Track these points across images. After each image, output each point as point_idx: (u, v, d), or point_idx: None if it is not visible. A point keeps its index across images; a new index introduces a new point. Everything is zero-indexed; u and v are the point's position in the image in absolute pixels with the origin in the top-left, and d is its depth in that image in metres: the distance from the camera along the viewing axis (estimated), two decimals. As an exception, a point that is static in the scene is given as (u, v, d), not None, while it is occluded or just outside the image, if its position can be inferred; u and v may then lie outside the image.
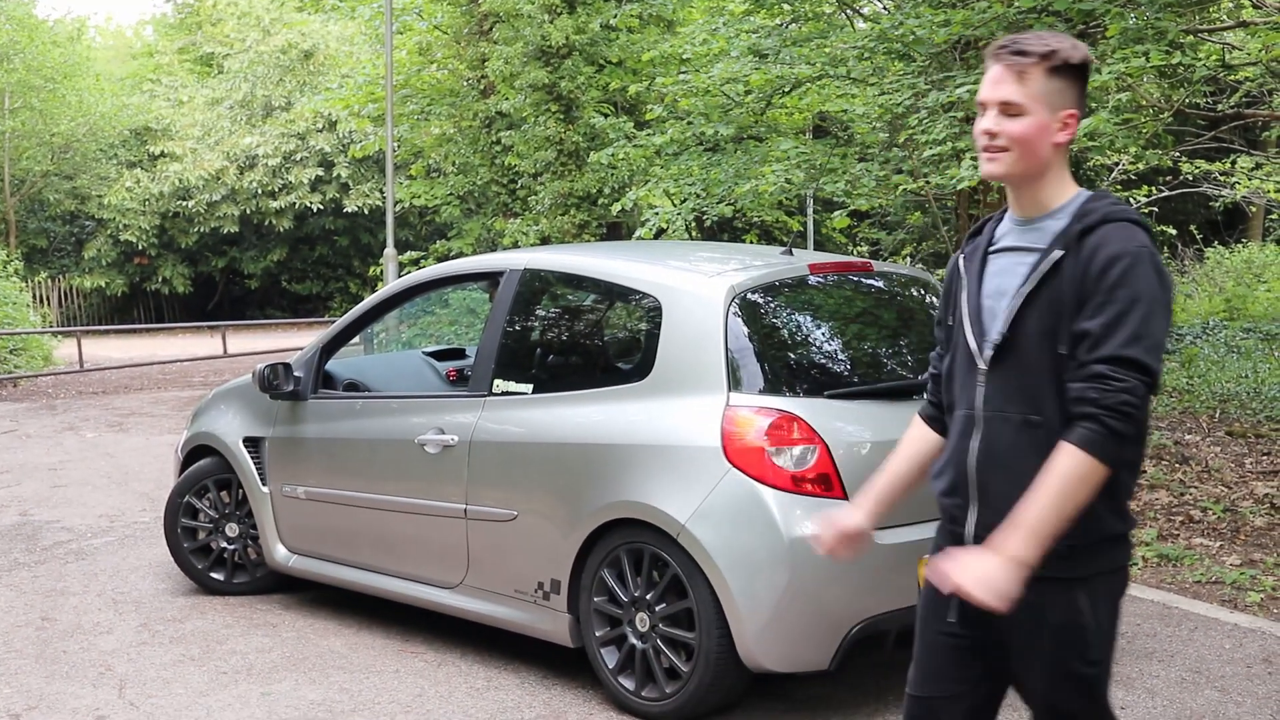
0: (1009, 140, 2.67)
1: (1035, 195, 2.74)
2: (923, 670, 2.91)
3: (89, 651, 5.85)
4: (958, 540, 2.79)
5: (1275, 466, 9.09)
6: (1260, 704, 4.95)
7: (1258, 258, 22.51)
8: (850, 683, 5.23)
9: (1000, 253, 2.79)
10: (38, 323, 23.72)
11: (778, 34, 10.68)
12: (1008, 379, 2.69)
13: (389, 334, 16.00)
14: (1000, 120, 2.68)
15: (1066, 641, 2.66)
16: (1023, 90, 2.66)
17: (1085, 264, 2.59)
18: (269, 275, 34.42)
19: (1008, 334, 2.68)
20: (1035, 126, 2.66)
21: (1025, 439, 2.65)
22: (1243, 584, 6.49)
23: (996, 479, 2.69)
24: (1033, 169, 2.70)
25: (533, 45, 16.54)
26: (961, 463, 2.76)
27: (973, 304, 2.78)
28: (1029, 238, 2.73)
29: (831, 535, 3.03)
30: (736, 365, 4.84)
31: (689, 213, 11.03)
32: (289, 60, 31.70)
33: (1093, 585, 2.66)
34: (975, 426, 2.73)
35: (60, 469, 10.86)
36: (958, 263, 2.90)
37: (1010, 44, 2.69)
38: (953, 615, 2.79)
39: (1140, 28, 7.78)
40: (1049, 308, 2.63)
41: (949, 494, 2.81)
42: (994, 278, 2.77)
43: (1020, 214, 2.77)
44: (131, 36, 47.32)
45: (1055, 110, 2.67)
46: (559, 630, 5.18)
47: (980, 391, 2.73)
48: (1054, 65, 2.66)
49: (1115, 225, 2.62)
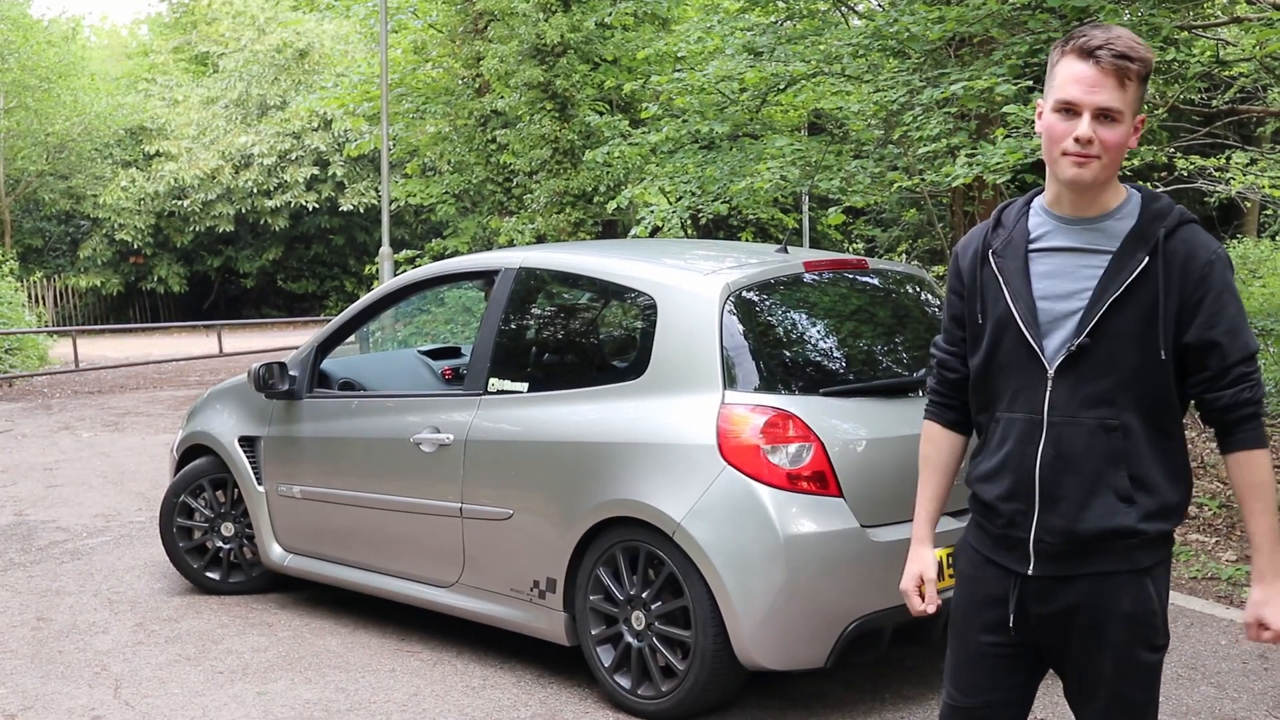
0: (1103, 148, 2.59)
1: (1099, 197, 2.67)
2: (962, 680, 2.86)
3: (84, 651, 5.84)
4: (1010, 545, 2.74)
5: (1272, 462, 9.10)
6: (1256, 699, 4.96)
7: (1253, 253, 22.53)
8: (846, 680, 5.24)
9: (1049, 252, 2.70)
10: (33, 322, 23.68)
11: (772, 31, 10.67)
12: (1082, 383, 2.64)
13: (384, 333, 15.98)
14: (1096, 126, 2.58)
15: (1138, 630, 2.67)
16: (1123, 97, 2.58)
17: (1181, 269, 2.60)
18: (264, 274, 34.40)
19: (1088, 340, 2.62)
20: (1127, 135, 2.62)
21: (1100, 443, 2.62)
22: (1239, 580, 6.50)
23: (1067, 484, 2.65)
24: (1113, 176, 2.66)
25: (528, 43, 16.52)
26: (1026, 468, 2.69)
27: (1026, 304, 2.69)
28: (1090, 238, 2.66)
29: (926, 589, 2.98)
30: (732, 363, 4.84)
31: (684, 211, 11.02)
32: (284, 59, 31.68)
33: (1157, 572, 2.70)
34: (1040, 430, 2.67)
35: (56, 469, 10.85)
36: (986, 259, 2.78)
37: (1109, 44, 2.58)
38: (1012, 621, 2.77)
39: (1134, 24, 7.78)
40: (1139, 312, 2.60)
41: (1008, 499, 2.72)
42: (1048, 279, 2.69)
43: (1073, 213, 2.69)
44: (126, 36, 47.31)
45: (1135, 116, 2.64)
46: (555, 629, 5.18)
47: (1047, 395, 2.66)
48: (1145, 72, 2.61)
49: (1190, 227, 2.65)
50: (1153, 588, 2.68)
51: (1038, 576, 2.72)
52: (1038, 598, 2.72)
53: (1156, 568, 2.70)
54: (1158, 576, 2.70)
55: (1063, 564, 2.68)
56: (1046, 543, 2.68)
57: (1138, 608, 2.67)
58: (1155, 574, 2.69)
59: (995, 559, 2.79)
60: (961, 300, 2.85)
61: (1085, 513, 2.64)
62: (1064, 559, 2.68)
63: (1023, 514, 2.71)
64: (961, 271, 2.86)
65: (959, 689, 2.87)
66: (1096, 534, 2.63)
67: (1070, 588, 2.69)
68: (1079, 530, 2.65)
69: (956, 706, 2.88)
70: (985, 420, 2.82)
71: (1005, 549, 2.76)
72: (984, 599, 2.81)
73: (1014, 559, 2.74)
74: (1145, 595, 2.67)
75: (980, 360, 2.79)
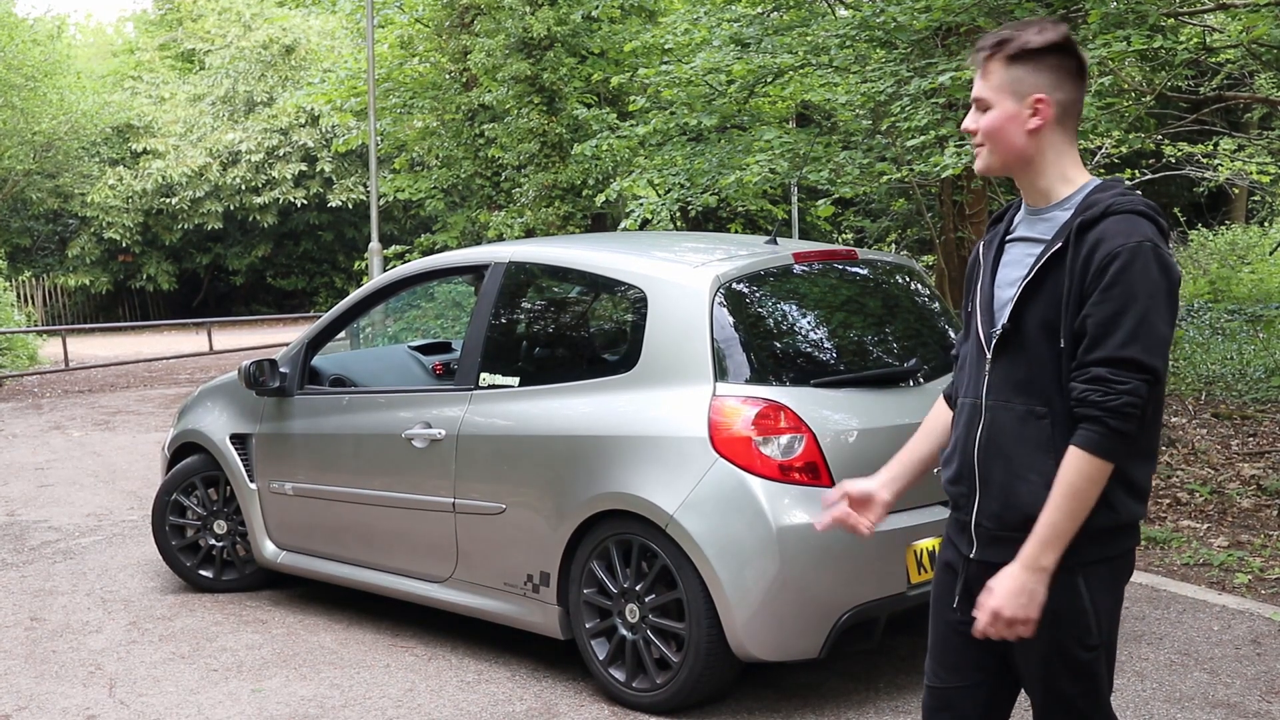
0: (982, 135, 2.71)
1: (1035, 185, 2.73)
2: (937, 661, 2.92)
3: (78, 651, 5.84)
4: (960, 527, 2.82)
5: (1261, 448, 9.13)
6: (1249, 685, 4.98)
7: (1241, 239, 22.59)
8: (840, 670, 5.25)
9: (1014, 242, 2.79)
10: (22, 322, 23.64)
11: (759, 23, 10.66)
12: (1012, 369, 2.68)
13: (375, 329, 15.97)
14: (975, 116, 2.72)
15: (1063, 628, 2.66)
16: (986, 84, 2.69)
17: (1085, 259, 2.58)
18: (254, 271, 34.34)
19: (1009, 325, 2.68)
20: (1001, 118, 2.67)
21: (1029, 430, 2.65)
22: (1230, 565, 6.52)
23: (997, 468, 2.69)
24: (1013, 159, 2.71)
25: (514, 37, 16.51)
26: (967, 452, 2.76)
27: (985, 292, 2.79)
28: (1038, 228, 2.73)
29: (835, 496, 2.95)
30: (722, 355, 4.84)
31: (673, 203, 11.01)
32: (270, 55, 31.59)
33: (1092, 571, 2.66)
34: (980, 415, 2.73)
35: (47, 468, 10.83)
36: (978, 250, 2.91)
37: (979, 41, 2.73)
38: (956, 602, 2.81)
39: (1121, 12, 7.79)
40: (1048, 301, 2.62)
41: (954, 481, 2.81)
42: (1006, 267, 2.78)
43: (1030, 204, 2.77)
44: (112, 34, 47.14)
45: (1022, 98, 2.66)
46: (549, 623, 5.19)
47: (986, 380, 2.73)
48: (1010, 54, 2.66)
49: (1118, 218, 2.58)
50: (1084, 586, 2.64)
51: (978, 560, 2.76)
52: (977, 582, 2.74)
53: (1093, 566, 2.65)
54: (1092, 575, 2.65)
55: (998, 550, 2.69)
56: (985, 526, 2.73)
57: (1062, 604, 2.63)
58: (1089, 573, 2.65)
59: (955, 541, 2.86)
60: (965, 291, 2.97)
61: (1012, 498, 2.66)
62: (999, 545, 2.70)
63: (966, 497, 2.78)
64: (970, 264, 2.98)
65: (934, 670, 2.93)
66: (1022, 520, 2.63)
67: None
68: (1007, 516, 2.67)
69: (934, 688, 2.93)
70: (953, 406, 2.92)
71: (958, 531, 2.84)
72: (948, 581, 2.87)
73: (964, 542, 2.81)
74: (1073, 593, 2.64)
75: (964, 347, 2.90)
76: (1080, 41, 7.89)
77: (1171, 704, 4.79)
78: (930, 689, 2.93)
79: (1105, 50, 7.37)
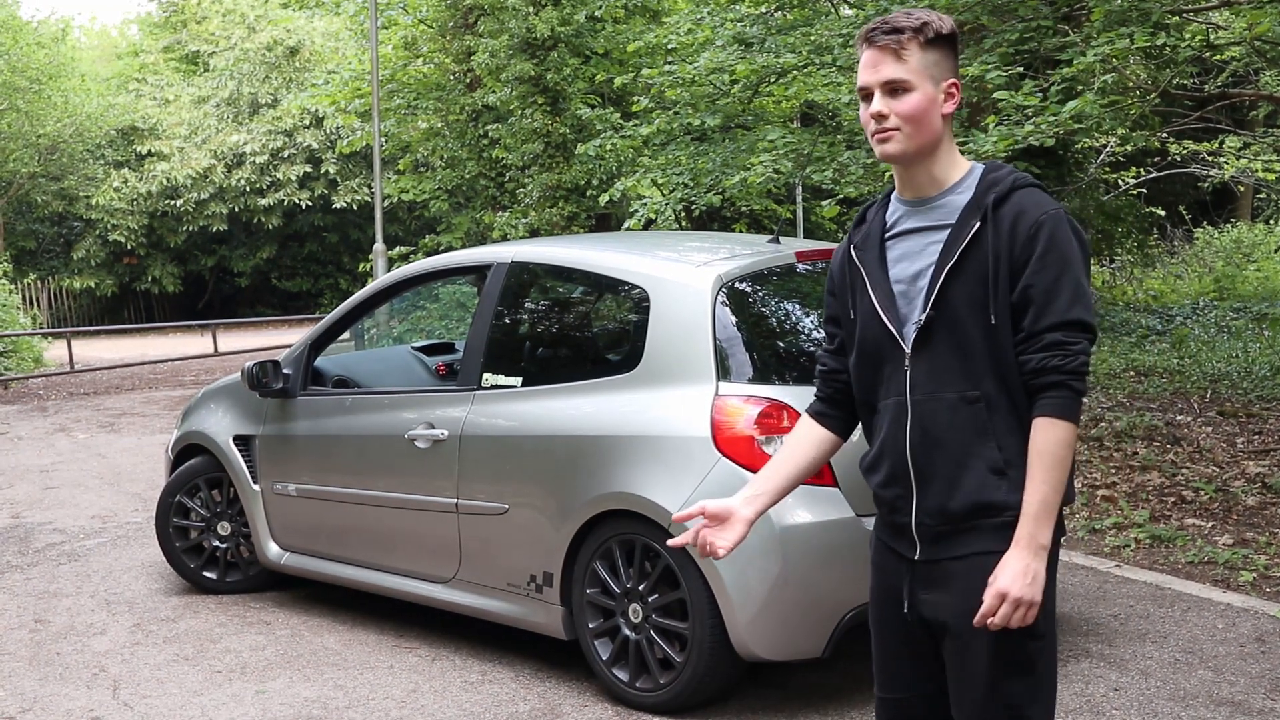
0: (900, 119, 2.64)
1: (931, 172, 2.70)
2: (884, 672, 2.84)
3: (83, 653, 5.84)
4: (899, 531, 2.74)
5: (1266, 446, 9.11)
6: (1254, 683, 4.96)
7: (1247, 237, 22.57)
8: (844, 670, 5.24)
9: (899, 237, 2.74)
10: (27, 324, 23.67)
11: (762, 23, 10.66)
12: (936, 359, 2.64)
13: (378, 330, 15.98)
14: (887, 101, 2.65)
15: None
16: (904, 67, 2.64)
17: (1010, 232, 2.58)
18: (258, 273, 34.38)
19: (933, 312, 2.64)
20: (924, 100, 2.64)
21: (963, 416, 2.62)
22: (1235, 564, 6.50)
23: (937, 461, 2.65)
24: (927, 145, 2.67)
25: (518, 38, 16.52)
26: (898, 451, 2.70)
27: (883, 290, 2.72)
28: (932, 216, 2.70)
29: (694, 513, 2.86)
30: (725, 354, 4.84)
31: (677, 203, 11.02)
32: (275, 57, 31.64)
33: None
34: (906, 413, 2.68)
35: (52, 470, 10.84)
36: (848, 255, 2.82)
37: (880, 25, 2.66)
38: (907, 608, 2.73)
39: (1125, 9, 7.78)
40: (975, 280, 2.60)
41: (887, 485, 2.74)
42: (900, 262, 2.72)
43: (913, 195, 2.73)
44: (116, 36, 47.16)
45: (938, 82, 2.66)
46: (552, 623, 5.18)
47: (908, 377, 2.68)
48: (929, 38, 2.65)
49: (1025, 191, 2.63)
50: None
51: (923, 561, 2.70)
52: (925, 582, 2.69)
53: None
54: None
55: (944, 546, 2.66)
56: (926, 524, 2.67)
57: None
58: None
59: (893, 546, 2.78)
60: (836, 300, 2.89)
61: (957, 489, 2.61)
62: (944, 540, 2.66)
63: (902, 498, 2.71)
64: (833, 273, 2.91)
65: (881, 683, 2.85)
66: (969, 509, 2.61)
67: (950, 570, 2.65)
68: (952, 507, 2.63)
69: (884, 699, 2.85)
70: (867, 416, 2.84)
71: (895, 535, 2.77)
72: (888, 589, 2.79)
73: (904, 545, 2.74)
74: None
75: (855, 355, 2.81)
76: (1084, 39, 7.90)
77: (1176, 702, 4.78)
78: (882, 700, 2.85)
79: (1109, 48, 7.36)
